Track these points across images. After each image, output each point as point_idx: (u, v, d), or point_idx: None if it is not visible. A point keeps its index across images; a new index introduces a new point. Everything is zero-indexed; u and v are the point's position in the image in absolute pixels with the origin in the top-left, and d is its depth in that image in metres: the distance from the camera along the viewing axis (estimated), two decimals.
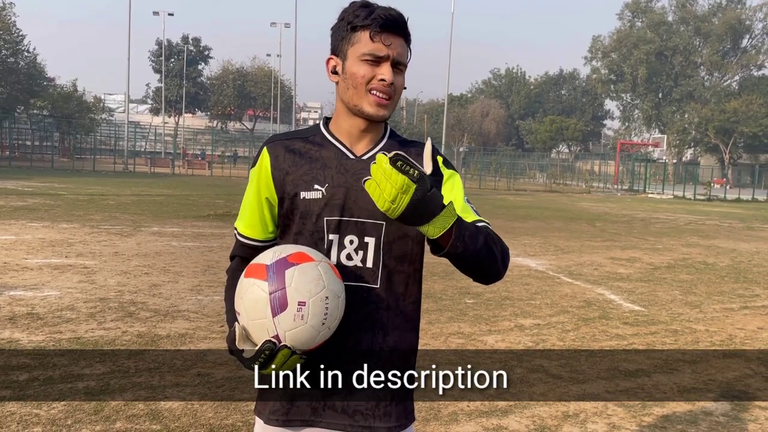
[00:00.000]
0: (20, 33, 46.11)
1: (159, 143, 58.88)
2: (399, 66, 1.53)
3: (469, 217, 1.59)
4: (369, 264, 1.56)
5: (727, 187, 45.34)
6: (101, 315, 5.59)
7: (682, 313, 7.02)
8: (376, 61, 1.51)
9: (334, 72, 1.58)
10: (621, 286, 8.43)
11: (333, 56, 1.59)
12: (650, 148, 67.93)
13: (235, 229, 1.68)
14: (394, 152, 1.31)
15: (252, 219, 1.63)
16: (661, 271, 9.87)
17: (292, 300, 1.37)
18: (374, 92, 1.51)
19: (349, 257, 1.55)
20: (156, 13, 56.16)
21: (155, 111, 69.14)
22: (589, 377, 4.68)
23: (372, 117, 1.54)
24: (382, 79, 1.50)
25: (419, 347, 1.74)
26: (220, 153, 52.13)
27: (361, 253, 1.55)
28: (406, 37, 1.55)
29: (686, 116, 69.00)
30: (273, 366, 1.40)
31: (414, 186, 1.30)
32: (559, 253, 11.23)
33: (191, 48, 68.67)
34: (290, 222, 1.59)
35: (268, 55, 77.09)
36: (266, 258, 1.44)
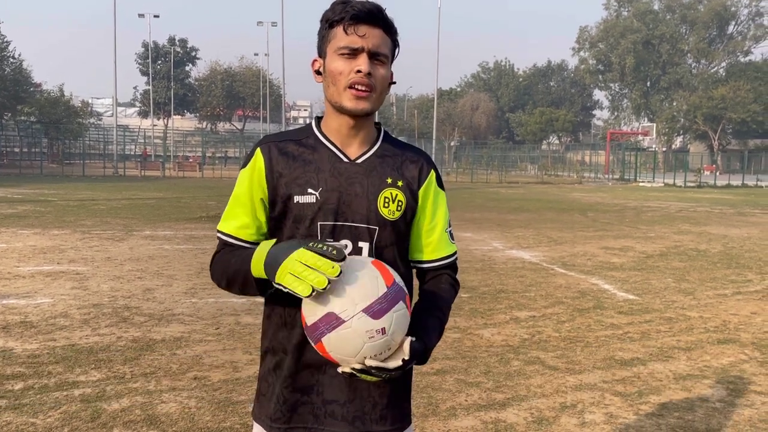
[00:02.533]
0: (5, 39, 45.75)
1: (149, 146, 58.60)
2: (378, 57, 1.50)
3: (444, 248, 1.66)
4: None
5: (717, 174, 45.59)
6: (95, 321, 5.55)
7: (675, 300, 7.05)
8: (352, 53, 1.48)
9: (318, 73, 1.57)
10: (614, 275, 8.46)
11: (317, 58, 1.58)
12: (640, 137, 68.26)
13: (220, 231, 1.60)
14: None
15: (245, 220, 1.57)
16: (653, 259, 9.92)
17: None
18: (353, 86, 1.48)
19: None
20: (141, 15, 55.87)
21: (144, 114, 68.79)
22: (586, 367, 4.70)
23: (353, 111, 1.51)
24: (359, 71, 1.47)
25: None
26: (210, 154, 51.93)
27: None
28: (385, 28, 1.51)
29: (675, 104, 69.34)
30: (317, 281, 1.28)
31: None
32: (552, 245, 11.25)
33: (178, 49, 68.39)
34: (282, 225, 1.56)
35: (256, 54, 76.48)
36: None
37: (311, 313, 1.35)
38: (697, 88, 67.57)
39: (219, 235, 1.61)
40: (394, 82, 1.61)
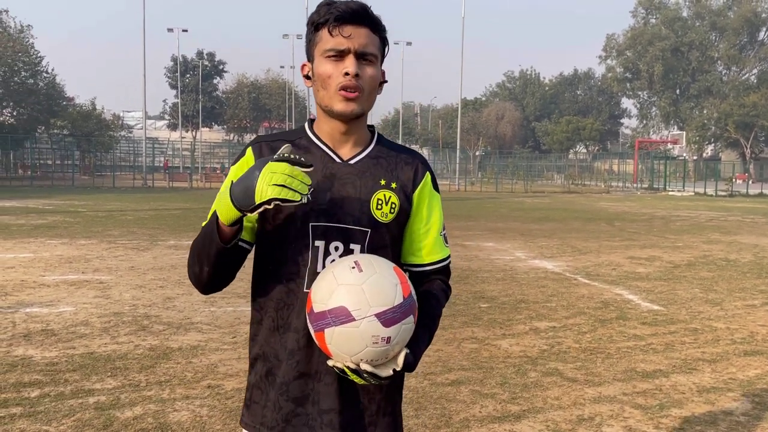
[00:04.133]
0: (39, 54, 47.01)
1: (177, 158, 59.47)
2: (366, 57, 1.47)
3: (438, 252, 1.63)
4: None
5: (749, 182, 44.62)
6: (115, 329, 5.61)
7: (702, 311, 6.87)
8: (339, 55, 1.46)
9: (308, 77, 1.55)
10: (640, 285, 8.29)
11: (306, 62, 1.56)
12: (669, 146, 67.17)
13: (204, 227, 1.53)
14: (364, 371, 1.33)
15: None
16: (681, 269, 9.70)
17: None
18: (341, 89, 1.46)
19: None
20: (170, 30, 56.81)
21: (173, 126, 69.88)
22: (605, 379, 4.59)
23: (342, 114, 1.49)
24: (346, 73, 1.45)
25: (432, 353, 1.70)
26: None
27: None
28: (372, 26, 1.48)
29: (705, 112, 68.14)
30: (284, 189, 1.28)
31: None
32: (576, 254, 11.09)
33: (206, 63, 69.41)
34: (271, 225, 1.52)
35: (282, 67, 77.92)
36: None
37: (321, 300, 1.33)
38: (728, 95, 66.35)
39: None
40: (386, 81, 1.58)
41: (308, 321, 1.38)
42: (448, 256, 1.66)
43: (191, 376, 4.45)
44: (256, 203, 1.29)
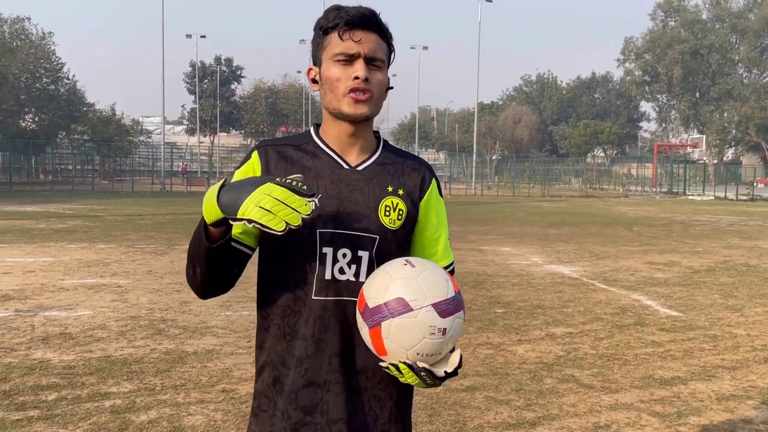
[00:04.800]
0: (60, 61, 47.75)
1: (195, 162, 59.98)
2: (375, 62, 1.48)
3: (447, 257, 1.65)
4: (362, 278, 1.48)
5: None
6: (131, 333, 5.66)
7: (722, 317, 6.77)
8: (349, 59, 1.46)
9: (314, 81, 1.55)
10: (658, 291, 8.19)
11: (312, 66, 1.56)
12: (689, 149, 66.35)
13: None
14: (420, 369, 1.34)
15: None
16: (700, 274, 9.57)
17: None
18: (351, 92, 1.46)
19: (341, 271, 1.48)
20: (189, 36, 57.49)
21: (191, 131, 70.53)
22: (622, 386, 4.53)
23: (352, 117, 1.48)
24: (356, 77, 1.45)
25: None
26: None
27: (354, 267, 1.49)
28: (380, 32, 1.49)
29: (725, 115, 67.32)
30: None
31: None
32: (594, 259, 10.99)
33: (224, 68, 70.04)
34: None
35: (299, 72, 77.62)
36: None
37: (377, 295, 1.34)
38: (748, 98, 65.49)
39: None
40: (391, 87, 1.58)
41: (361, 319, 1.38)
42: (453, 262, 1.67)
43: (206, 380, 4.47)
44: (237, 216, 1.28)
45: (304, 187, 1.28)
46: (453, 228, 15.87)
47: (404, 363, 1.33)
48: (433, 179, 1.63)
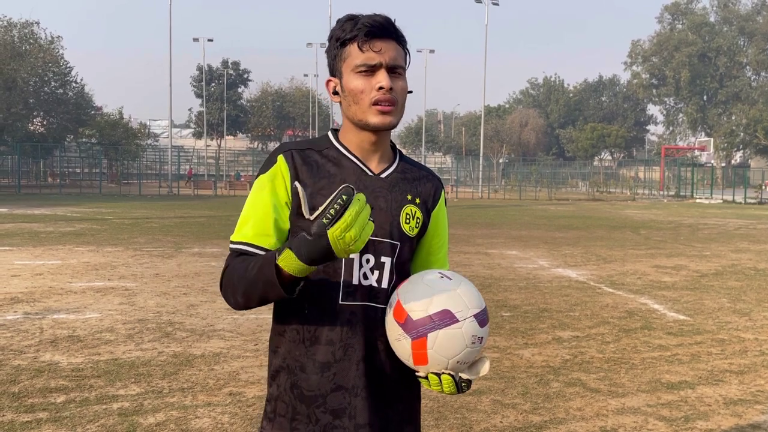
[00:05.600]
0: (68, 65, 48.03)
1: (202, 166, 60.18)
2: (396, 70, 1.49)
3: (445, 264, 1.71)
4: (384, 284, 1.52)
5: None
6: (139, 336, 5.68)
7: (729, 321, 6.74)
8: (371, 70, 1.47)
9: (335, 93, 1.55)
10: (665, 295, 8.16)
11: (331, 78, 1.56)
12: (697, 152, 66.12)
13: (235, 242, 1.49)
14: (461, 379, 1.44)
15: (266, 227, 1.47)
16: (708, 278, 9.53)
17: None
18: (377, 103, 1.47)
19: (365, 276, 1.51)
20: (196, 40, 57.64)
21: (198, 135, 70.77)
22: (629, 390, 4.52)
23: (379, 127, 1.50)
24: (381, 87, 1.46)
25: None
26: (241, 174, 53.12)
27: (377, 273, 1.51)
28: (398, 39, 1.50)
29: (733, 118, 67.00)
30: (347, 227, 1.22)
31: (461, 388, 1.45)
32: (600, 263, 10.96)
33: (231, 72, 70.21)
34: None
35: (305, 75, 78.20)
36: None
37: (422, 308, 1.39)
38: (757, 101, 65.18)
39: (233, 246, 1.49)
40: (411, 91, 1.59)
41: (401, 331, 1.40)
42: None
43: (213, 383, 4.49)
44: (341, 257, 1.27)
45: (339, 200, 1.24)
46: (459, 231, 15.91)
47: (446, 373, 1.40)
48: (443, 191, 1.71)
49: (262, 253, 1.44)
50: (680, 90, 70.95)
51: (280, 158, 1.51)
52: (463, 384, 1.42)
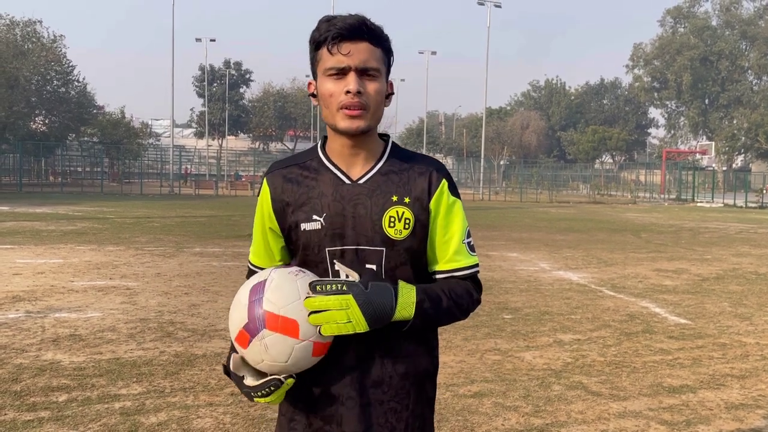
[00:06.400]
0: (70, 64, 48.07)
1: (203, 165, 60.19)
2: (368, 72, 1.45)
3: (462, 259, 1.58)
4: None
5: None
6: (141, 335, 5.69)
7: (731, 325, 6.74)
8: (341, 73, 1.45)
9: (314, 95, 1.55)
10: (667, 298, 8.16)
11: (312, 81, 1.56)
12: (698, 156, 66.10)
13: (249, 261, 1.74)
14: (309, 282, 1.40)
15: (259, 249, 1.67)
16: (709, 282, 9.53)
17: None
18: (343, 107, 1.45)
19: None
20: (198, 40, 57.67)
21: (200, 134, 70.78)
22: (631, 394, 4.52)
23: (347, 131, 1.47)
24: (347, 91, 1.44)
25: (454, 364, 1.71)
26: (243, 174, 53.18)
27: None
28: (372, 40, 1.46)
29: (735, 122, 67.04)
30: (274, 398, 1.44)
31: (349, 296, 1.36)
32: (602, 266, 10.96)
33: (233, 72, 70.25)
34: (296, 251, 1.59)
35: (307, 76, 76.78)
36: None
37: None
38: (758, 105, 65.21)
39: (248, 264, 1.74)
40: (392, 93, 1.56)
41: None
42: (474, 265, 1.60)
43: (215, 383, 4.50)
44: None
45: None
46: None
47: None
48: (443, 179, 1.57)
49: (262, 270, 1.58)
50: (682, 93, 70.97)
51: (264, 182, 1.60)
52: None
